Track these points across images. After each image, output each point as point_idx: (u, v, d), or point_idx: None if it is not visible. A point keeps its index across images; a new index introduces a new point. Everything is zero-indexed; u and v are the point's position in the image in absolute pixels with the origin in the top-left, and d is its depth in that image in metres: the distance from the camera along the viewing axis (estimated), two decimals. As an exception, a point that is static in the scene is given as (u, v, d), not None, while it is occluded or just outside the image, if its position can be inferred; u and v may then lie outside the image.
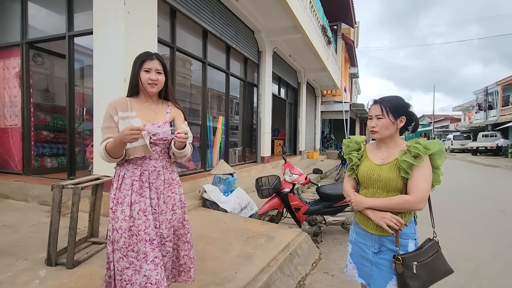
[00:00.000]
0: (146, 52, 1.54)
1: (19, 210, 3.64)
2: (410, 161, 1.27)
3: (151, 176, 1.48)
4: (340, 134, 19.42)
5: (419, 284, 1.26)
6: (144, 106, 1.52)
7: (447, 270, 1.36)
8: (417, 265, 1.25)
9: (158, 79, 1.49)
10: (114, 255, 1.41)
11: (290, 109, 11.52)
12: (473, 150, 21.51)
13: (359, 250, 1.44)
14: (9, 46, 4.53)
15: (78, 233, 2.40)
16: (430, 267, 1.30)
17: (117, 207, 1.43)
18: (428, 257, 1.31)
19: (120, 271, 1.41)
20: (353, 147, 1.50)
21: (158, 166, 1.50)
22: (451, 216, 4.77)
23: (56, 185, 2.20)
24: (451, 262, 1.43)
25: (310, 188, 6.54)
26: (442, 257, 1.36)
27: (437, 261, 1.33)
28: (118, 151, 1.39)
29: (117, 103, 1.47)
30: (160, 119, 1.53)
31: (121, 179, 1.46)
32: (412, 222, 1.37)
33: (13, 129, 4.58)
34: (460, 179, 9.52)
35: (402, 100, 1.40)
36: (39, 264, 2.22)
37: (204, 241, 2.81)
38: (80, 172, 4.29)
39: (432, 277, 1.31)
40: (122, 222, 1.40)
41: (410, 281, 1.25)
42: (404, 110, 1.37)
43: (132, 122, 1.42)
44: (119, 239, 1.40)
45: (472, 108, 31.65)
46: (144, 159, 1.47)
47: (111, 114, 1.45)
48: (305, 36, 7.50)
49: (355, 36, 21.52)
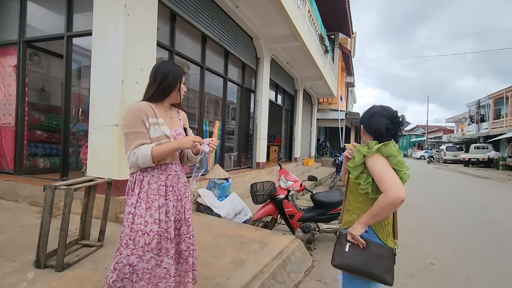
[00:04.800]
0: (180, 66, 1.64)
1: (8, 210, 3.56)
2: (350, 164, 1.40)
3: (173, 180, 1.58)
4: (335, 142, 19.53)
5: (342, 263, 1.38)
6: (164, 113, 1.60)
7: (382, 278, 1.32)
8: (350, 245, 1.37)
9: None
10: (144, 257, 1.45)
11: (286, 116, 11.58)
12: (465, 161, 21.83)
13: None
14: (6, 44, 4.50)
15: (69, 235, 2.36)
16: (363, 258, 1.34)
17: (144, 212, 1.46)
18: (368, 250, 1.35)
19: (150, 269, 1.47)
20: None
21: (178, 170, 1.61)
22: (443, 227, 4.81)
23: (49, 185, 2.17)
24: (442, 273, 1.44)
25: (304, 195, 6.54)
26: (384, 263, 1.33)
27: (375, 261, 1.33)
28: (164, 157, 1.51)
29: (145, 108, 1.48)
30: (176, 125, 1.64)
31: (146, 185, 1.49)
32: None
33: (6, 127, 4.52)
34: (452, 190, 9.63)
35: (367, 110, 1.51)
36: (28, 266, 2.17)
37: (197, 246, 2.75)
38: (73, 173, 4.23)
39: (360, 268, 1.33)
40: (153, 225, 1.46)
41: (337, 254, 1.41)
42: (362, 121, 1.51)
43: (163, 129, 1.52)
44: (150, 241, 1.45)
45: (464, 120, 32.20)
46: (167, 164, 1.56)
47: (142, 119, 1.46)
48: (303, 45, 7.60)
49: (352, 46, 21.84)
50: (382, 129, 1.40)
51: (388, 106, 1.46)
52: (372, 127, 1.44)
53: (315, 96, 15.46)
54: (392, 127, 1.40)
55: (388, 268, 1.33)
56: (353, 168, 1.39)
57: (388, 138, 1.41)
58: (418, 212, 5.77)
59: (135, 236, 1.44)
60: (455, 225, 4.94)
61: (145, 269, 1.47)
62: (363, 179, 1.36)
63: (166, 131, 1.52)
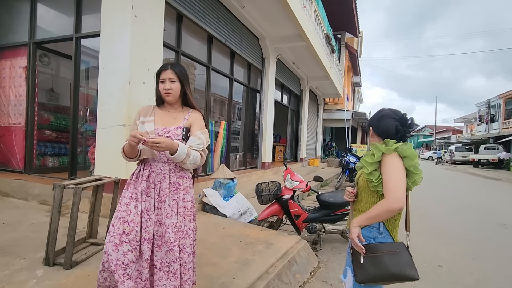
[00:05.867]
0: (164, 64, 1.63)
1: (18, 208, 3.64)
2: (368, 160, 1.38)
3: (156, 178, 1.53)
4: (341, 142, 19.40)
5: (364, 276, 1.34)
6: (166, 113, 1.63)
7: (406, 274, 1.30)
8: (364, 257, 1.34)
9: (172, 88, 1.56)
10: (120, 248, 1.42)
11: (292, 116, 11.55)
12: (474, 162, 21.43)
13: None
14: (17, 46, 4.59)
15: (77, 234, 2.39)
16: (378, 263, 1.31)
17: (130, 201, 1.50)
18: (379, 252, 1.33)
19: (126, 265, 1.43)
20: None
21: (164, 169, 1.54)
22: (451, 229, 4.74)
23: (58, 184, 2.21)
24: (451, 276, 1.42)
25: (310, 196, 6.51)
26: (402, 259, 1.32)
27: (392, 260, 1.31)
28: (130, 152, 1.52)
29: (142, 109, 1.65)
30: (175, 124, 1.59)
31: (135, 176, 1.57)
32: (373, 227, 1.39)
33: (16, 127, 4.61)
34: (461, 191, 9.47)
35: (377, 112, 1.52)
36: (37, 264, 2.21)
37: (202, 245, 2.80)
38: (81, 173, 4.29)
39: (381, 273, 1.30)
40: (135, 217, 1.47)
41: (356, 270, 1.37)
42: (370, 123, 1.52)
43: (146, 126, 1.55)
44: (130, 231, 1.45)
45: (474, 120, 31.64)
46: (153, 161, 1.55)
47: (135, 118, 1.63)
48: (309, 44, 7.57)
49: (359, 46, 21.67)
50: (391, 130, 1.40)
51: (396, 109, 1.48)
52: (381, 129, 1.45)
53: (321, 96, 15.39)
54: (402, 128, 1.40)
55: (407, 262, 1.32)
56: (370, 164, 1.37)
57: (398, 139, 1.40)
58: (426, 214, 5.68)
59: (116, 223, 1.47)
60: (463, 227, 4.86)
61: (120, 262, 1.41)
62: (375, 176, 1.36)
63: (148, 128, 1.54)
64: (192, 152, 1.49)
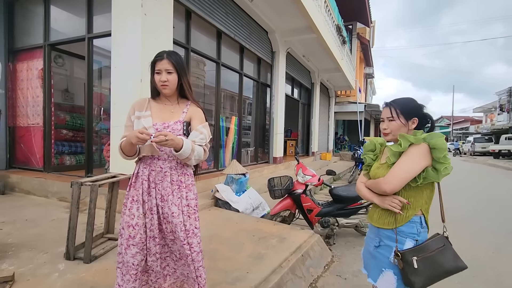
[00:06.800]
0: (158, 53, 1.51)
1: (40, 205, 3.79)
2: (394, 148, 1.33)
3: (157, 177, 1.46)
4: (354, 135, 19.11)
5: (422, 280, 1.25)
6: (163, 106, 1.53)
7: (457, 266, 1.30)
8: (417, 260, 1.24)
9: (169, 79, 1.45)
10: (129, 251, 1.44)
11: (303, 110, 11.44)
12: (495, 153, 20.63)
13: (367, 244, 1.52)
14: (33, 48, 4.73)
15: (95, 229, 2.47)
16: (433, 262, 1.27)
17: (132, 204, 1.46)
18: (431, 251, 1.28)
19: (137, 265, 1.45)
20: (369, 148, 1.55)
21: (165, 167, 1.46)
22: (469, 222, 4.60)
23: (75, 182, 2.28)
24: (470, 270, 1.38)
25: (323, 190, 6.47)
26: (450, 252, 1.32)
27: (443, 256, 1.29)
28: (129, 150, 1.44)
29: (137, 103, 1.54)
30: (173, 118, 1.50)
31: (134, 177, 1.50)
32: (415, 222, 1.34)
33: (35, 127, 4.78)
34: (480, 183, 9.17)
35: (414, 101, 1.40)
36: (58, 258, 2.30)
37: (215, 240, 2.83)
38: (97, 170, 4.41)
39: (438, 272, 1.28)
40: (139, 219, 1.44)
41: (412, 276, 1.24)
42: (415, 112, 1.38)
43: (143, 122, 1.46)
44: (135, 235, 1.43)
45: (494, 109, 30.39)
46: (153, 159, 1.47)
47: (129, 113, 1.53)
48: (319, 36, 7.44)
49: (371, 36, 21.13)
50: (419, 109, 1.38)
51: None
52: (411, 106, 1.38)
53: (333, 89, 15.15)
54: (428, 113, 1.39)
55: (455, 254, 1.32)
56: (393, 154, 1.32)
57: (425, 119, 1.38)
58: (444, 207, 5.53)
59: (124, 227, 1.46)
60: (483, 220, 4.71)
61: (130, 264, 1.43)
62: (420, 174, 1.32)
63: (146, 124, 1.44)
64: (196, 147, 1.42)
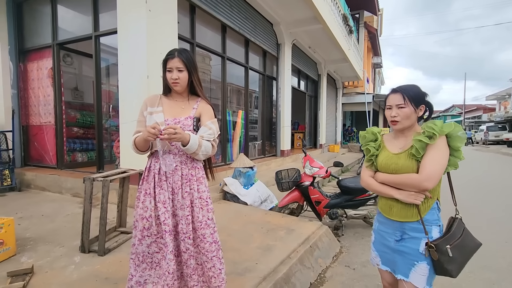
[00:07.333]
0: (170, 51, 1.56)
1: (54, 201, 3.91)
2: (424, 140, 1.27)
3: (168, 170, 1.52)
4: (362, 126, 18.89)
5: (457, 266, 1.29)
6: (174, 102, 1.58)
7: (476, 245, 1.37)
8: (451, 248, 1.26)
9: (179, 77, 1.51)
10: (144, 241, 1.50)
11: (310, 102, 11.35)
12: (508, 141, 20.12)
13: (381, 238, 1.46)
14: (42, 48, 4.81)
15: (108, 223, 2.54)
16: (462, 247, 1.31)
17: (145, 197, 1.52)
18: (458, 237, 1.31)
19: (151, 254, 1.51)
20: (370, 138, 1.51)
21: (175, 161, 1.52)
22: (481, 212, 4.54)
23: (87, 178, 2.34)
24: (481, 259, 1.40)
25: (331, 182, 6.46)
26: (469, 233, 1.37)
27: (467, 239, 1.34)
28: (142, 145, 1.50)
29: (149, 99, 1.59)
30: (184, 114, 1.55)
31: (147, 171, 1.56)
32: (435, 208, 1.35)
33: (47, 126, 4.90)
34: (492, 172, 8.98)
35: (420, 88, 1.40)
36: (74, 251, 2.39)
37: (224, 232, 2.88)
38: (108, 166, 4.51)
39: (466, 255, 1.33)
40: (151, 212, 1.50)
41: (448, 265, 1.26)
42: (423, 99, 1.37)
43: (155, 117, 1.51)
44: (150, 226, 1.49)
45: (508, 96, 29.46)
46: (164, 153, 1.52)
47: (142, 109, 1.58)
48: (325, 27, 7.32)
49: (379, 24, 20.64)
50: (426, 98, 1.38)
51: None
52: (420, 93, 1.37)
53: (340, 80, 14.94)
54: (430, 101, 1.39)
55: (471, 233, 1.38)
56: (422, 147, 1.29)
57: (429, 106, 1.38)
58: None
59: (137, 219, 1.52)
60: (495, 210, 4.63)
61: (146, 253, 1.51)
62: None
63: (158, 119, 1.49)
64: (204, 142, 1.47)
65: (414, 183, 1.28)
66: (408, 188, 1.31)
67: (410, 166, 1.31)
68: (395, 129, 1.40)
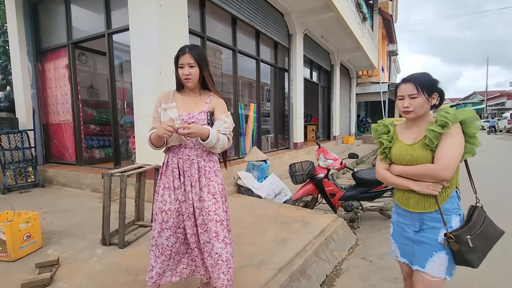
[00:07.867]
0: (181, 47, 1.58)
1: (75, 196, 4.06)
2: (436, 130, 1.24)
3: (185, 164, 1.56)
4: (377, 117, 18.43)
5: (478, 256, 1.26)
6: (187, 98, 1.62)
7: (498, 233, 1.33)
8: (471, 238, 1.23)
9: (191, 73, 1.53)
10: (163, 234, 1.56)
11: (323, 93, 11.16)
12: (534, 129, 19.14)
13: (400, 230, 1.45)
14: (58, 48, 4.94)
15: (126, 217, 2.62)
16: (483, 236, 1.27)
17: (164, 191, 1.57)
18: (480, 227, 1.27)
19: (171, 246, 1.57)
20: (382, 131, 1.48)
21: (192, 155, 1.55)
22: (502, 203, 4.36)
23: (106, 173, 2.41)
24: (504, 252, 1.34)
25: (346, 174, 6.37)
26: (491, 222, 1.34)
27: (489, 228, 1.30)
28: (158, 141, 1.54)
29: (163, 95, 1.63)
30: (198, 109, 1.58)
31: (165, 166, 1.60)
32: (454, 197, 1.32)
33: (66, 124, 5.06)
34: (517, 161, 8.58)
35: (431, 76, 1.35)
36: (96, 244, 2.48)
37: (239, 226, 2.91)
38: (124, 162, 4.63)
39: (488, 245, 1.30)
40: (171, 205, 1.55)
41: (469, 255, 1.24)
42: (435, 86, 1.33)
43: (170, 113, 1.55)
44: (168, 219, 1.55)
45: (534, 81, 27.87)
46: (180, 148, 1.56)
47: (156, 105, 1.63)
48: (338, 15, 7.12)
49: (394, 10, 19.88)
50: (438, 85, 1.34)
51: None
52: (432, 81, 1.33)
53: (354, 70, 14.59)
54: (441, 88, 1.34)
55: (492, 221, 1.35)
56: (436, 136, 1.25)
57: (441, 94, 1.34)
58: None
59: (157, 212, 1.58)
60: (520, 201, 4.44)
61: (165, 246, 1.57)
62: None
63: (172, 115, 1.53)
64: (221, 136, 1.50)
65: (432, 173, 1.25)
66: (425, 179, 1.28)
67: (425, 157, 1.28)
68: (408, 118, 1.37)
